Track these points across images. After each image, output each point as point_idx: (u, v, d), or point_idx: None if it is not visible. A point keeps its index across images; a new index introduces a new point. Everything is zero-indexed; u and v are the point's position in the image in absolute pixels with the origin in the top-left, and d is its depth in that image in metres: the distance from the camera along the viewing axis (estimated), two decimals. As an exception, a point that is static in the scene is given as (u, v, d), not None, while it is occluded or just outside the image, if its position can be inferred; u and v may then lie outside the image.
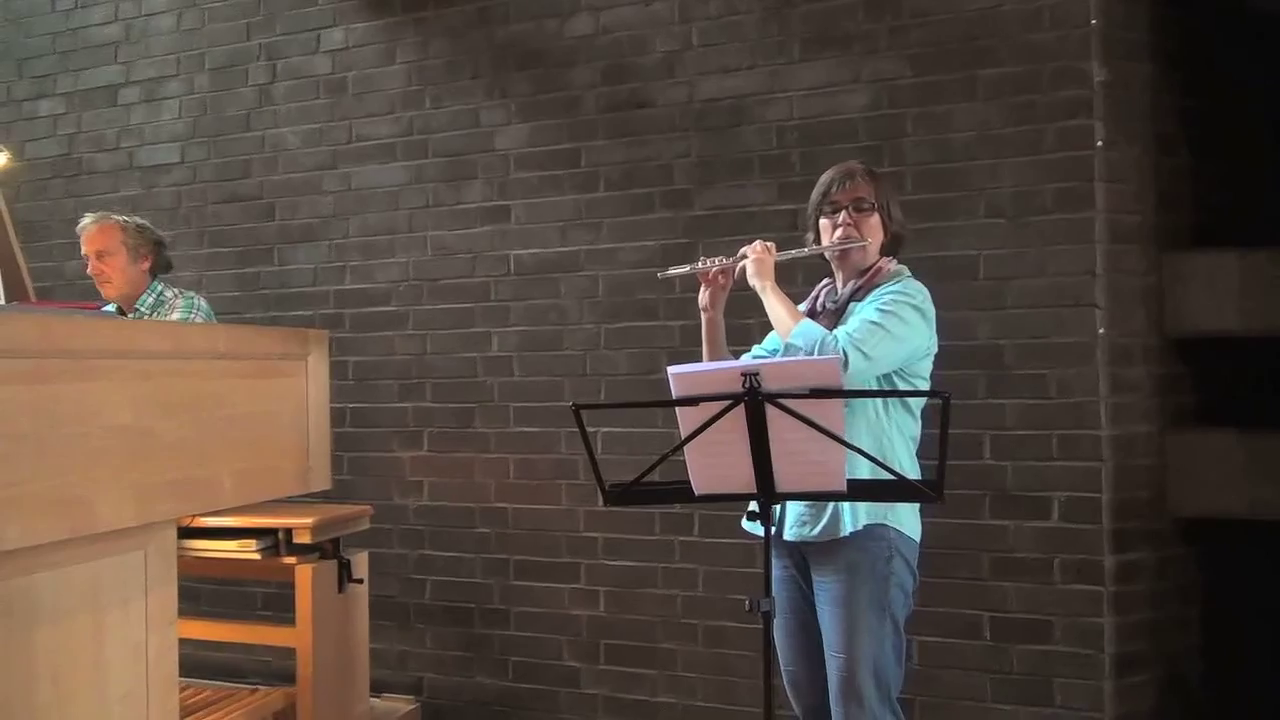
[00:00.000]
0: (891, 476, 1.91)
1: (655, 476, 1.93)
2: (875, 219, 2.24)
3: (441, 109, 3.47)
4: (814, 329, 2.10)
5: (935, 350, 2.23)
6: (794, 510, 2.17)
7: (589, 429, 1.97)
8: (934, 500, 1.86)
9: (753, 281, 2.19)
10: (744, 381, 1.78)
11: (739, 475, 1.87)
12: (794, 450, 1.82)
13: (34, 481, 1.56)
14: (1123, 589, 2.70)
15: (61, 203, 3.99)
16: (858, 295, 2.22)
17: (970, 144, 2.84)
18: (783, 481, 1.87)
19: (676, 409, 1.86)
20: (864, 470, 2.02)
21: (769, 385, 1.78)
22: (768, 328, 2.27)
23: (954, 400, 1.78)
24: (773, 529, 2.18)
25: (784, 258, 2.25)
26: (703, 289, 2.28)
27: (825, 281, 2.36)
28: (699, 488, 1.92)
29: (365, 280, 3.57)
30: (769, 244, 2.23)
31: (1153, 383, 2.78)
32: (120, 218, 3.14)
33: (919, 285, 2.22)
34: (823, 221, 2.27)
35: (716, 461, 1.88)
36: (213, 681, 3.31)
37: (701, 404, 1.82)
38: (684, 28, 3.17)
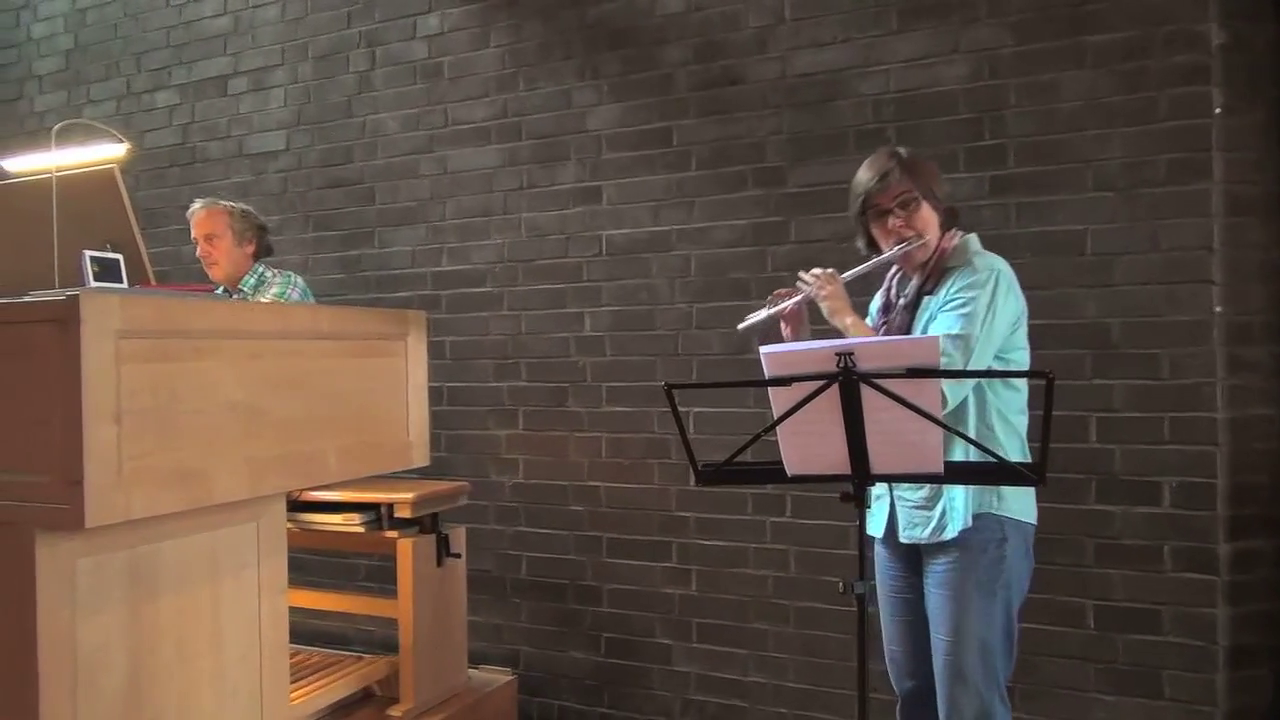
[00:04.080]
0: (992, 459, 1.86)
1: (747, 456, 1.93)
2: (925, 209, 2.15)
3: (535, 91, 3.50)
4: None
5: (1026, 311, 2.15)
6: (905, 513, 2.16)
7: (681, 408, 1.97)
8: (1035, 484, 1.81)
9: (832, 321, 2.17)
10: (838, 361, 1.75)
11: (833, 456, 1.84)
12: (889, 430, 1.79)
13: (156, 454, 1.65)
14: (1239, 578, 2.58)
15: (178, 190, 4.17)
16: (927, 286, 2.16)
17: (1077, 114, 2.73)
18: (878, 463, 1.83)
19: (769, 389, 1.85)
20: (958, 452, 1.99)
21: (864, 364, 1.75)
22: None
23: (1059, 380, 1.72)
24: (884, 529, 2.20)
25: (849, 277, 2.20)
26: (783, 326, 2.26)
27: (894, 270, 2.29)
28: (792, 468, 1.90)
29: (461, 261, 3.64)
30: (830, 271, 2.18)
31: (1274, 363, 2.63)
32: (226, 203, 3.29)
33: (989, 260, 2.12)
34: (873, 228, 2.20)
35: (810, 442, 1.86)
36: (320, 648, 3.45)
37: (795, 384, 1.80)
38: (776, 2, 3.12)
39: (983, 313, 2.04)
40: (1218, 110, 2.59)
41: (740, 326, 2.30)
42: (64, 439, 1.52)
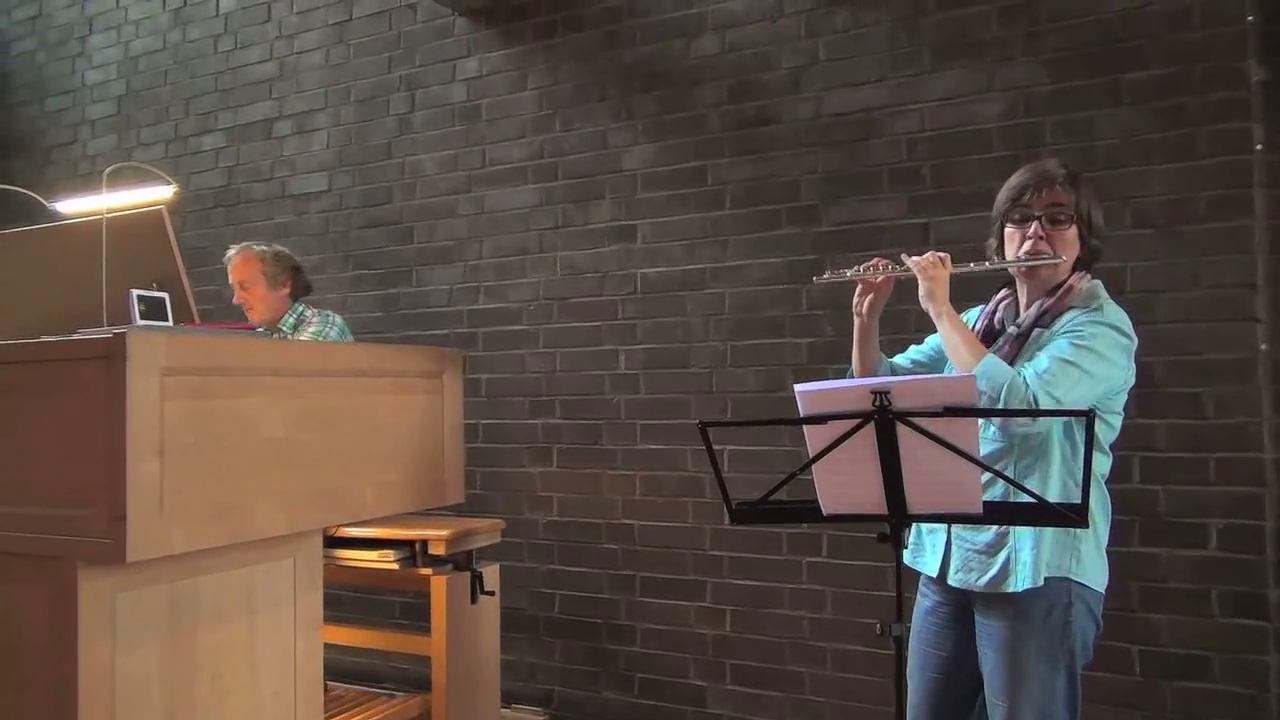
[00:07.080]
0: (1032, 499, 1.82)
1: (782, 495, 1.91)
2: (1072, 232, 1.96)
3: (571, 131, 3.55)
4: (1000, 370, 1.84)
5: (1132, 383, 1.96)
6: (959, 553, 2.00)
7: (715, 446, 1.96)
8: (1076, 525, 1.77)
9: (926, 304, 1.95)
10: (874, 399, 1.74)
11: (869, 495, 1.82)
12: (926, 470, 1.76)
13: (197, 490, 1.67)
14: (1291, 624, 2.51)
15: (222, 230, 4.27)
16: (1044, 320, 1.96)
17: (1115, 151, 2.71)
18: (915, 502, 1.81)
19: (804, 427, 1.84)
20: (1054, 490, 1.92)
21: (900, 403, 1.74)
22: (925, 319, 2.14)
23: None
24: (938, 568, 2.04)
25: (960, 272, 1.98)
26: (860, 294, 2.06)
27: (1003, 293, 2.08)
28: (827, 507, 1.88)
29: (498, 300, 3.68)
30: (942, 255, 1.96)
31: (1324, 402, 2.58)
32: (259, 248, 3.32)
33: (1118, 310, 1.95)
34: (1008, 229, 1.99)
35: (845, 481, 1.84)
36: (353, 685, 3.45)
37: (830, 422, 1.79)
38: (810, 43, 3.15)
39: (1100, 351, 1.87)
40: (1258, 146, 2.56)
41: (818, 279, 2.09)
42: (108, 474, 1.54)
